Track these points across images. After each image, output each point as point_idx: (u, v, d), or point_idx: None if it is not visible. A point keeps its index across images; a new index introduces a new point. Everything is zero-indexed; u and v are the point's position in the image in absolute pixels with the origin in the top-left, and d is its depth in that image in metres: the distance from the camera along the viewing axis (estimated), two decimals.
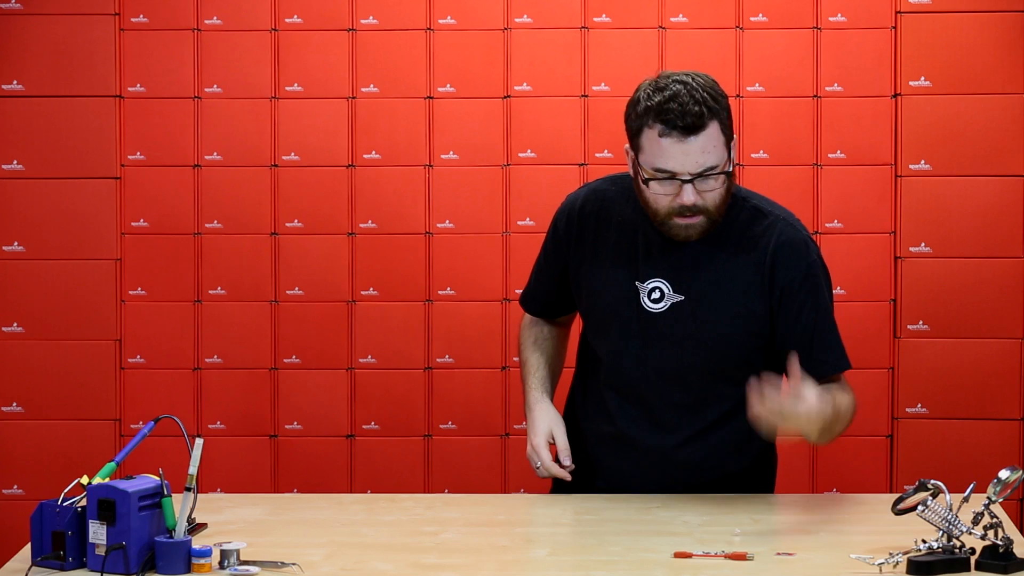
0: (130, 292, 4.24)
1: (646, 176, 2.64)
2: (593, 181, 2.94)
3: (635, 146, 2.67)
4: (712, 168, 2.62)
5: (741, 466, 2.83)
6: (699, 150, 2.61)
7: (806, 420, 2.52)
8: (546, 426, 2.82)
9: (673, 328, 2.73)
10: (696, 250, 2.73)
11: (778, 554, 2.31)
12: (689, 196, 2.62)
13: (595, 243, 2.80)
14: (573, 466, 2.77)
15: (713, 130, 2.62)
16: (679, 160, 2.61)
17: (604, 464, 2.83)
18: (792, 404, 2.49)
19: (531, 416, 2.87)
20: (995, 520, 2.23)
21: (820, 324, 2.76)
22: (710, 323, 2.72)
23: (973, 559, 2.23)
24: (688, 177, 2.62)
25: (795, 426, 2.52)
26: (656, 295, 2.74)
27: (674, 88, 2.64)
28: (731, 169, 2.67)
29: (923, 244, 4.18)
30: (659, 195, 2.65)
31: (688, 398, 2.76)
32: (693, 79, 2.66)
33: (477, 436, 4.22)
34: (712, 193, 2.65)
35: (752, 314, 2.73)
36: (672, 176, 2.62)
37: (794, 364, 2.55)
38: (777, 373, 2.73)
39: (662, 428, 2.77)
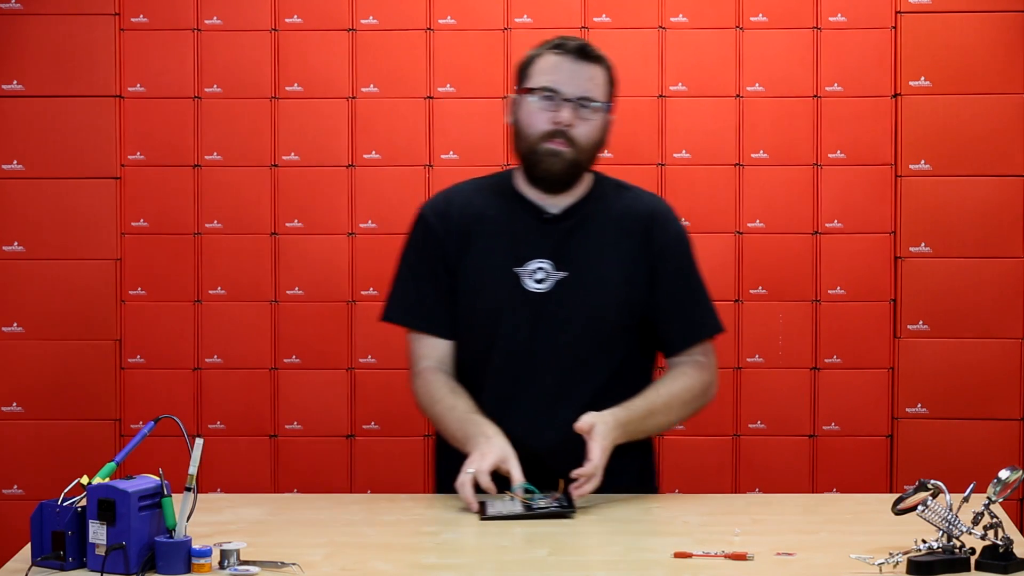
0: (130, 292, 4.25)
1: (533, 89, 2.75)
2: (446, 188, 2.94)
3: (522, 79, 2.79)
4: (592, 98, 2.74)
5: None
6: (587, 76, 2.75)
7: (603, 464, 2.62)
8: (498, 453, 2.65)
9: (560, 304, 2.77)
10: (570, 226, 2.80)
11: (778, 554, 2.31)
12: (567, 115, 2.73)
13: (468, 239, 2.82)
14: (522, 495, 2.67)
15: (600, 70, 2.77)
16: (565, 77, 2.74)
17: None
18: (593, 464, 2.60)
19: (481, 438, 2.67)
20: (995, 520, 2.23)
21: (695, 288, 2.86)
22: (597, 294, 2.78)
23: (973, 559, 2.23)
24: (570, 97, 2.73)
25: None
26: (540, 275, 2.78)
27: (570, 37, 2.81)
28: (609, 114, 2.78)
29: (923, 244, 4.18)
30: (537, 112, 2.74)
31: (576, 373, 2.78)
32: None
33: None
34: (587, 125, 2.75)
35: (633, 282, 2.80)
36: (555, 94, 2.73)
37: (669, 333, 2.80)
38: (649, 344, 2.85)
39: (547, 414, 2.76)
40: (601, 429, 2.64)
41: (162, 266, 4.24)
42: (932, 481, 2.27)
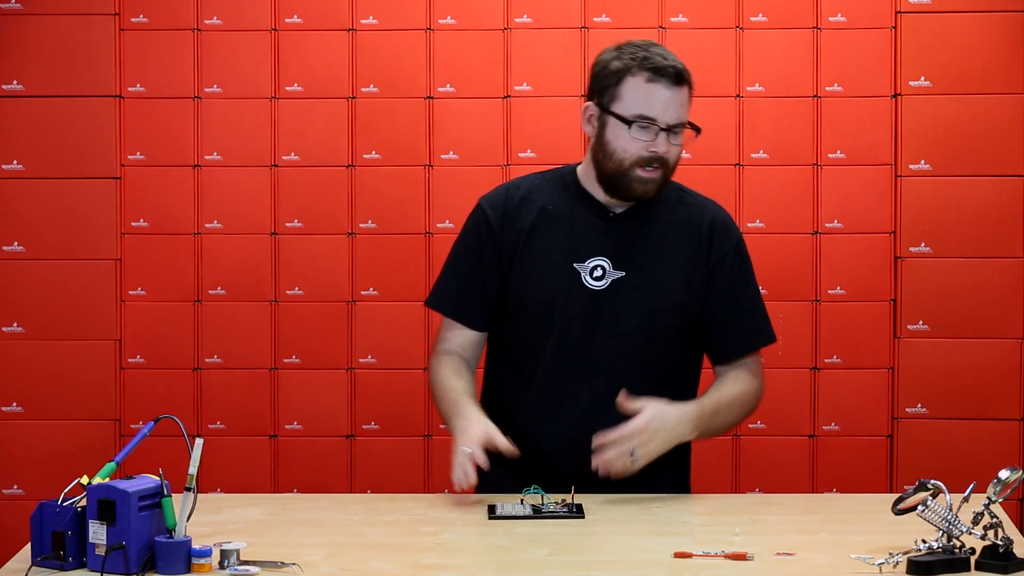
0: (130, 292, 4.25)
1: (629, 119, 2.72)
2: (508, 181, 2.96)
3: (609, 97, 2.75)
4: (684, 124, 2.75)
5: None
6: (679, 102, 2.74)
7: (639, 443, 2.64)
8: (482, 430, 2.70)
9: (616, 303, 2.78)
10: (632, 228, 2.81)
11: (778, 554, 2.31)
12: (663, 144, 2.73)
13: (527, 231, 2.83)
14: (518, 452, 2.71)
15: (687, 91, 2.76)
16: (663, 107, 2.72)
17: (552, 460, 2.81)
18: (619, 437, 2.63)
19: (462, 422, 2.74)
20: (995, 520, 2.23)
21: (751, 297, 2.89)
22: (652, 296, 2.79)
23: (973, 559, 2.23)
24: (666, 125, 2.72)
25: (635, 453, 2.64)
26: (598, 273, 2.80)
27: (655, 48, 2.77)
28: (699, 130, 2.78)
29: (923, 244, 4.18)
30: (635, 141, 2.73)
31: (626, 373, 2.79)
32: (664, 47, 2.80)
33: None
34: (676, 149, 2.76)
35: (689, 286, 2.81)
36: (652, 123, 2.72)
37: (722, 340, 2.82)
38: (697, 349, 2.87)
39: (600, 409, 2.77)
40: (647, 414, 2.66)
41: (162, 266, 4.24)
42: (932, 481, 2.27)
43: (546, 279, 2.81)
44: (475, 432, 2.69)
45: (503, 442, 2.69)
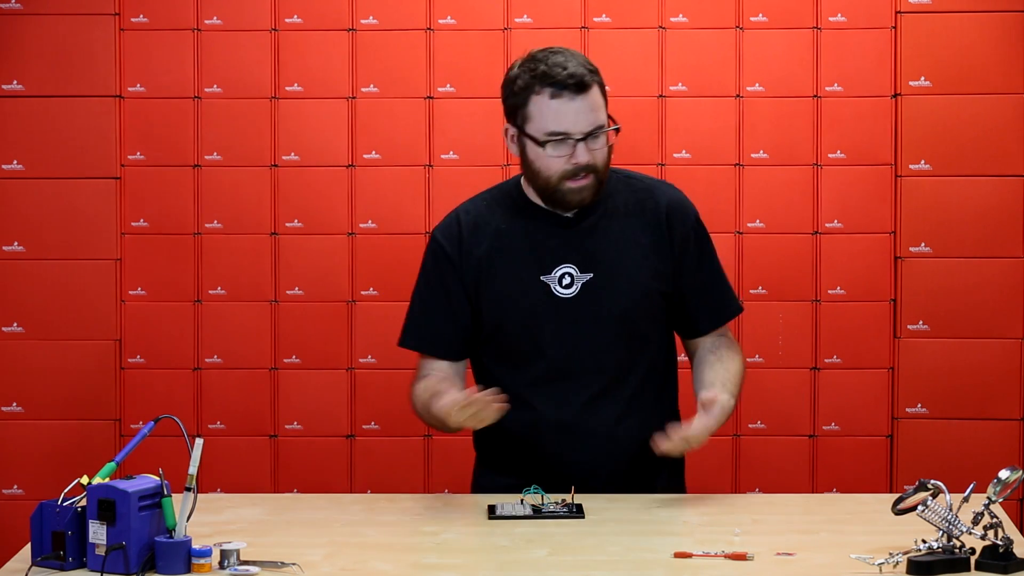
0: (130, 292, 4.25)
1: (542, 140, 2.71)
2: (454, 209, 2.93)
3: (521, 118, 2.75)
4: (600, 126, 2.73)
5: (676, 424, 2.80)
6: (588, 108, 2.72)
7: (707, 433, 2.68)
8: (463, 393, 2.69)
9: (589, 307, 2.78)
10: (590, 228, 2.81)
11: (778, 554, 2.31)
12: (583, 155, 2.72)
13: (487, 257, 2.82)
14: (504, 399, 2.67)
15: (596, 91, 2.74)
16: (571, 119, 2.71)
17: (558, 460, 2.81)
18: (691, 429, 2.67)
19: (442, 399, 2.71)
20: (995, 520, 2.23)
21: (717, 272, 2.91)
22: (624, 292, 2.79)
23: (973, 559, 2.23)
24: (580, 136, 2.71)
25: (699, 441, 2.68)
26: (567, 280, 2.79)
27: (554, 58, 2.74)
28: (617, 128, 2.77)
29: (923, 244, 4.18)
30: (553, 158, 2.72)
31: (619, 369, 2.80)
32: (566, 50, 2.77)
33: None
34: (600, 151, 2.75)
35: (658, 274, 2.82)
36: (565, 137, 2.70)
37: (697, 317, 2.86)
38: (672, 327, 2.90)
39: (601, 409, 2.79)
40: (717, 411, 2.68)
41: (162, 266, 4.24)
42: (932, 481, 2.27)
43: (517, 297, 2.80)
44: (455, 394, 2.67)
45: (488, 393, 2.63)
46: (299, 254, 4.24)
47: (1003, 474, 2.26)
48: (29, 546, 2.28)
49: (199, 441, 2.24)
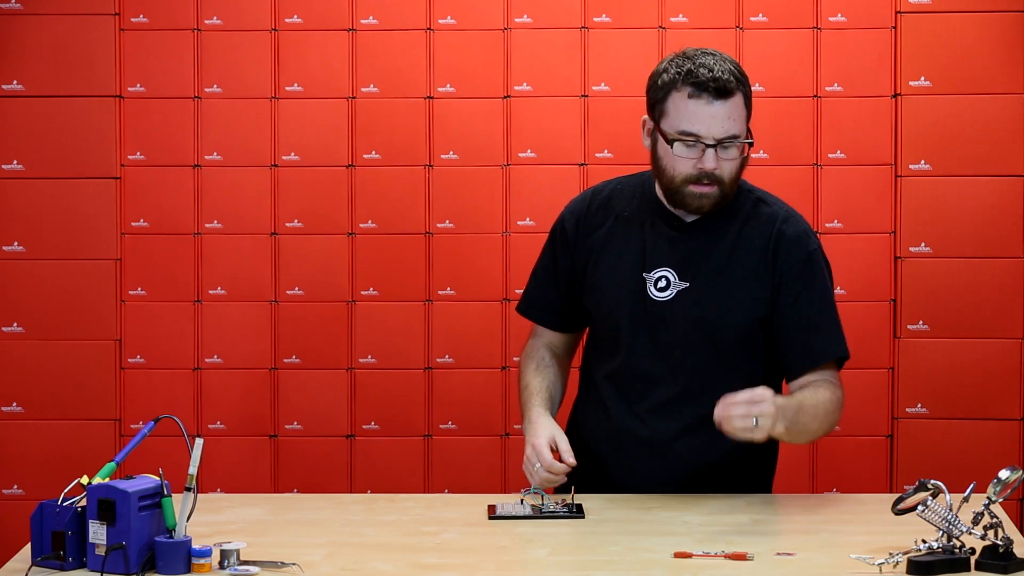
0: (130, 292, 4.24)
1: (671, 138, 2.68)
2: (595, 185, 2.97)
3: (658, 112, 2.72)
4: (735, 137, 2.70)
5: (741, 454, 2.79)
6: (725, 115, 2.69)
7: (762, 412, 2.53)
8: (548, 432, 2.76)
9: (679, 315, 2.76)
10: (701, 239, 2.78)
11: (778, 554, 2.31)
12: (711, 161, 2.68)
13: (602, 239, 2.84)
14: (575, 463, 2.72)
15: (738, 100, 2.71)
16: (706, 123, 2.68)
17: (609, 463, 2.83)
18: (747, 399, 2.54)
19: (532, 427, 2.80)
20: (995, 520, 2.23)
21: (818, 310, 2.80)
22: (715, 309, 2.76)
23: (973, 559, 2.23)
24: (712, 142, 2.68)
25: (758, 422, 2.53)
26: (662, 284, 2.78)
27: (703, 58, 2.71)
28: (751, 143, 2.74)
29: (923, 244, 4.18)
30: (681, 159, 2.69)
31: (693, 384, 2.78)
32: (719, 54, 2.74)
33: (477, 436, 4.22)
34: (730, 163, 2.71)
35: (755, 300, 2.77)
36: (697, 140, 2.67)
37: (789, 355, 2.74)
38: (775, 367, 2.81)
39: (665, 418, 2.78)
40: (769, 391, 2.56)
41: (162, 266, 4.24)
42: (932, 481, 2.28)
43: (614, 288, 2.81)
44: (541, 435, 2.73)
45: (565, 448, 2.70)
46: (299, 254, 4.24)
47: (1003, 474, 2.26)
48: (29, 546, 2.28)
49: (199, 441, 2.24)
